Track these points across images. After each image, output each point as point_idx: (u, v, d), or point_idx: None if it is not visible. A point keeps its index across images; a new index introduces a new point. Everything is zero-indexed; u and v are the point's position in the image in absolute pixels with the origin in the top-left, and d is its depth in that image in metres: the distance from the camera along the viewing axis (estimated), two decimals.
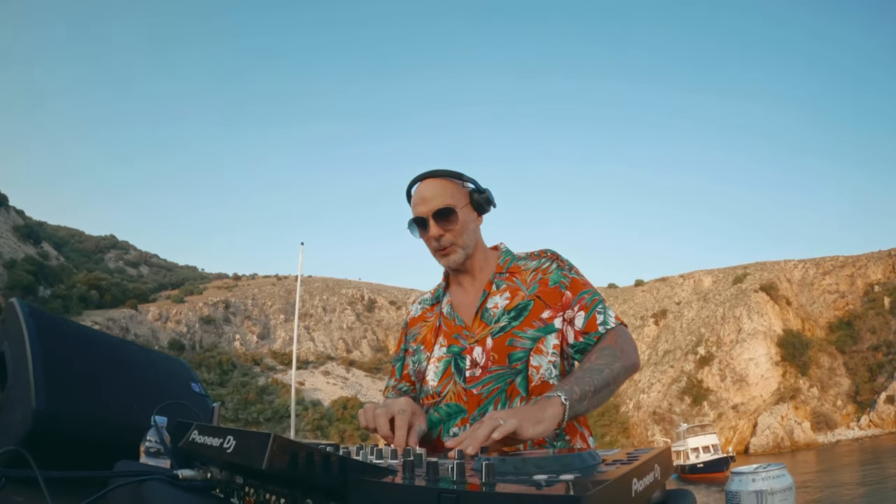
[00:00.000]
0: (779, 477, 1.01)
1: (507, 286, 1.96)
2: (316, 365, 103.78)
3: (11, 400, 1.38)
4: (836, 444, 74.90)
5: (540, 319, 1.87)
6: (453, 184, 1.96)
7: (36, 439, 1.29)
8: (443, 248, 1.95)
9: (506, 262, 2.04)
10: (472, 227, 1.98)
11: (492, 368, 1.84)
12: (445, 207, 1.90)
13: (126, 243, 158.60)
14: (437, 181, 1.96)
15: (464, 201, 1.95)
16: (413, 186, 2.01)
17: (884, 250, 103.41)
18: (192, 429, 1.09)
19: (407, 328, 2.22)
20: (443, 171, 1.98)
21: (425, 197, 1.94)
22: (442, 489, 0.71)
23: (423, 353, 2.04)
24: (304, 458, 0.80)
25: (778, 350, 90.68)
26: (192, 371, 1.88)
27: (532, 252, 2.07)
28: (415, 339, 2.13)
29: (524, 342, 1.84)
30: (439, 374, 1.95)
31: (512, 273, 2.00)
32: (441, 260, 1.99)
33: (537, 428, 1.39)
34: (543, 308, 1.89)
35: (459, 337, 1.95)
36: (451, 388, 1.90)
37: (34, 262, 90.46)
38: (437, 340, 2.01)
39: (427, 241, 1.97)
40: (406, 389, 2.12)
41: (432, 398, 1.95)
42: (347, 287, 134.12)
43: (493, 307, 1.93)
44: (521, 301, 1.90)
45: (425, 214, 1.92)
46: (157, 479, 1.03)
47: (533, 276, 1.96)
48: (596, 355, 1.75)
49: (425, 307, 2.19)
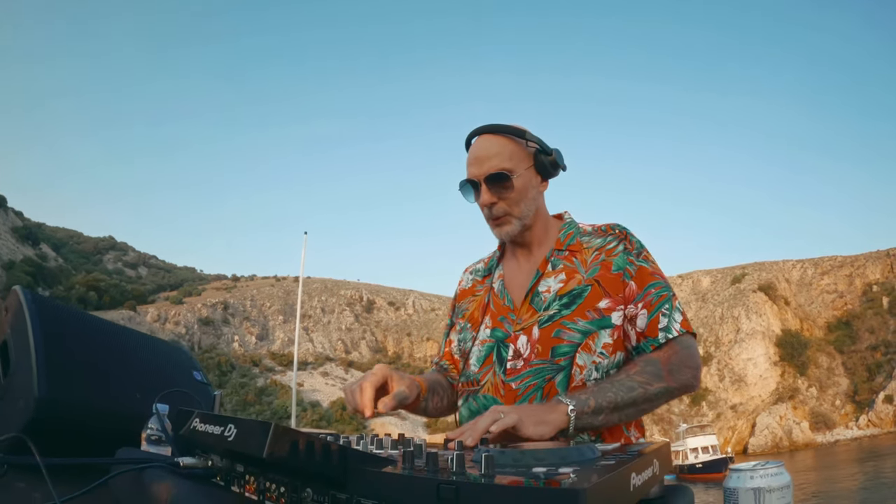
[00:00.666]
0: (777, 475, 1.01)
1: (563, 266, 1.72)
2: (315, 366, 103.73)
3: (14, 387, 1.38)
4: (835, 443, 75.08)
5: (595, 310, 1.64)
6: (514, 143, 1.71)
7: (38, 426, 1.29)
8: (496, 217, 1.72)
9: (567, 237, 1.78)
10: (533, 195, 1.73)
11: (534, 362, 1.63)
12: (500, 172, 1.66)
13: (125, 244, 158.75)
14: (496, 138, 1.71)
15: (525, 164, 1.71)
16: (470, 140, 1.78)
17: (882, 250, 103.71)
18: (194, 417, 1.08)
19: (456, 301, 2.01)
20: (504, 126, 1.71)
21: (479, 157, 1.70)
22: (441, 480, 0.71)
23: (469, 331, 1.85)
24: (304, 446, 0.80)
25: (776, 350, 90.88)
26: (195, 359, 1.86)
27: (599, 226, 1.80)
28: (463, 314, 1.92)
29: (572, 335, 1.62)
30: (481, 360, 1.75)
31: (572, 251, 1.75)
32: (494, 230, 1.77)
33: (538, 428, 1.33)
34: (601, 296, 1.65)
35: (505, 321, 1.74)
36: (490, 378, 1.71)
37: (33, 263, 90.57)
38: (484, 320, 1.81)
39: (479, 206, 1.75)
40: (446, 367, 1.93)
41: (471, 385, 1.77)
42: (346, 288, 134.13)
43: (544, 290, 1.70)
44: (577, 286, 1.67)
45: (477, 178, 1.69)
46: (158, 467, 1.03)
47: (595, 256, 1.71)
48: (637, 369, 1.56)
49: (476, 279, 1.97)
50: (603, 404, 1.45)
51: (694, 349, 1.63)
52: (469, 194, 1.74)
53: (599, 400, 1.45)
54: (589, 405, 1.43)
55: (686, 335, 1.63)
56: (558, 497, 0.64)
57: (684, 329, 1.63)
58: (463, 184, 1.73)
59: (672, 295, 1.66)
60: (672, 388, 1.55)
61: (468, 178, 1.72)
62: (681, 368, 1.57)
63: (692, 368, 1.60)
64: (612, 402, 1.47)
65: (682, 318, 1.64)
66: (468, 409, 1.76)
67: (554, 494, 0.65)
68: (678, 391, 1.57)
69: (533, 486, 0.67)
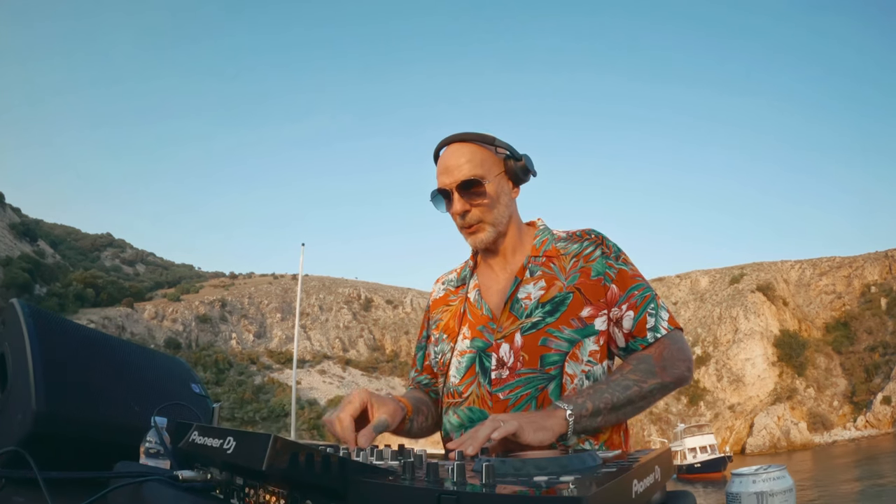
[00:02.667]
0: (779, 478, 1.02)
1: (542, 273, 1.70)
2: (312, 364, 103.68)
3: (11, 401, 1.37)
4: (833, 444, 75.22)
5: (578, 318, 1.62)
6: (484, 150, 1.69)
7: (36, 440, 1.28)
8: (469, 225, 1.69)
9: (543, 244, 1.76)
10: (505, 202, 1.71)
11: (521, 371, 1.61)
12: (472, 179, 1.64)
13: (122, 241, 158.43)
14: (465, 146, 1.69)
15: (496, 170, 1.69)
16: (439, 151, 1.76)
17: (881, 251, 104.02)
18: (193, 430, 1.07)
19: (429, 312, 1.97)
20: (472, 134, 1.70)
21: (449, 165, 1.68)
22: (442, 490, 0.71)
23: (445, 342, 1.80)
24: (304, 459, 0.79)
25: (774, 350, 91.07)
26: (193, 371, 1.85)
27: (574, 232, 1.79)
28: (437, 325, 1.88)
29: (560, 343, 1.60)
30: (462, 372, 1.71)
31: (549, 257, 1.72)
32: (468, 238, 1.74)
33: (538, 434, 1.33)
34: (583, 304, 1.63)
35: (485, 330, 1.70)
36: (474, 389, 1.67)
37: (30, 260, 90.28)
38: (461, 330, 1.76)
39: (452, 216, 1.72)
40: (427, 383, 1.90)
41: (453, 398, 1.73)
42: (344, 286, 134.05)
43: (524, 297, 1.68)
44: (558, 293, 1.65)
45: (448, 186, 1.66)
46: (157, 480, 1.02)
47: (573, 263, 1.70)
48: (630, 367, 1.57)
49: (449, 289, 1.92)
50: (600, 406, 1.48)
51: (683, 343, 1.65)
52: (441, 204, 1.71)
53: (596, 402, 1.47)
54: (587, 408, 1.45)
55: (674, 331, 1.64)
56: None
57: (672, 326, 1.64)
58: (434, 194, 1.70)
59: (655, 295, 1.67)
60: (667, 383, 1.56)
61: (439, 188, 1.69)
62: (674, 363, 1.58)
63: (684, 361, 1.61)
64: (609, 402, 1.49)
65: (668, 316, 1.65)
66: (450, 422, 1.74)
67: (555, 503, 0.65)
68: (673, 385, 1.58)
69: (534, 496, 0.67)
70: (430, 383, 1.90)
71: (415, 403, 1.73)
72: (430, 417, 1.81)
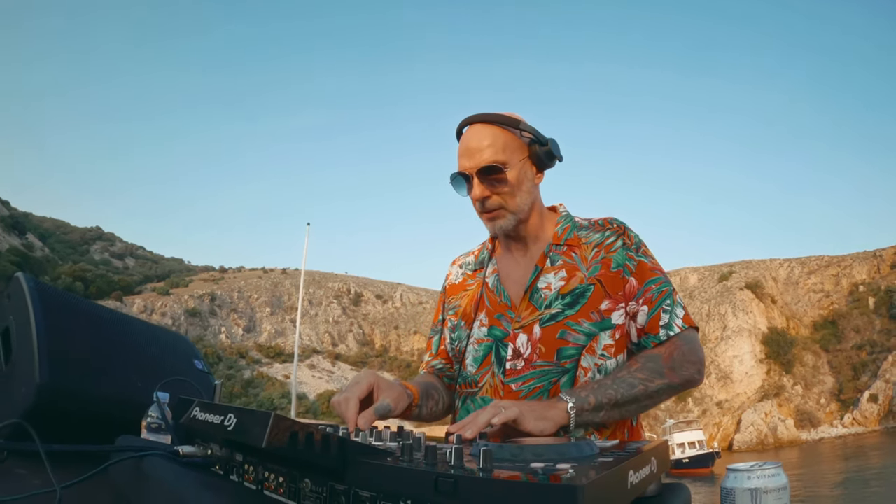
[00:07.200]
0: (774, 476, 1.01)
1: (563, 263, 1.65)
2: (301, 358, 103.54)
3: (15, 373, 1.38)
4: (820, 441, 75.68)
5: (598, 312, 1.58)
6: (507, 133, 1.61)
7: (39, 413, 1.29)
8: (489, 210, 1.62)
9: (564, 231, 1.70)
10: (528, 188, 1.63)
11: (537, 363, 1.57)
12: (493, 164, 1.57)
13: (112, 235, 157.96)
14: (487, 128, 1.61)
15: (520, 155, 1.61)
16: (462, 130, 1.68)
17: (869, 251, 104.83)
18: (194, 406, 1.08)
19: (445, 295, 1.90)
20: (496, 115, 1.61)
21: (471, 148, 1.60)
22: (439, 473, 0.71)
23: (462, 329, 1.76)
24: (303, 437, 0.80)
25: (762, 348, 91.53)
26: (196, 348, 1.86)
27: (596, 220, 1.73)
28: (455, 311, 1.83)
29: (578, 337, 1.56)
30: (478, 361, 1.68)
31: (571, 246, 1.67)
32: (487, 224, 1.67)
33: (539, 424, 1.31)
34: (603, 297, 1.59)
35: (503, 318, 1.66)
36: (489, 379, 1.64)
37: (19, 252, 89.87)
38: (478, 317, 1.72)
39: (472, 200, 1.65)
40: (441, 367, 1.85)
41: (469, 387, 1.70)
42: (334, 280, 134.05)
43: (544, 287, 1.63)
44: (579, 285, 1.60)
45: (469, 171, 1.59)
46: (158, 455, 1.03)
47: (595, 252, 1.65)
48: (638, 365, 1.52)
49: (467, 273, 1.87)
50: (603, 401, 1.44)
51: (696, 343, 1.60)
52: (461, 188, 1.63)
53: (600, 397, 1.44)
54: (589, 402, 1.42)
55: (688, 330, 1.59)
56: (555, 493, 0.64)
57: (686, 324, 1.59)
58: (454, 176, 1.63)
59: (672, 290, 1.63)
60: (674, 384, 1.53)
61: (459, 171, 1.62)
62: (683, 364, 1.54)
63: (695, 363, 1.56)
64: (613, 398, 1.45)
65: (683, 314, 1.60)
66: (467, 411, 1.69)
67: (551, 490, 0.65)
68: (681, 387, 1.55)
69: (531, 481, 0.67)
70: (445, 368, 1.85)
71: (424, 389, 1.69)
72: (440, 402, 1.77)
